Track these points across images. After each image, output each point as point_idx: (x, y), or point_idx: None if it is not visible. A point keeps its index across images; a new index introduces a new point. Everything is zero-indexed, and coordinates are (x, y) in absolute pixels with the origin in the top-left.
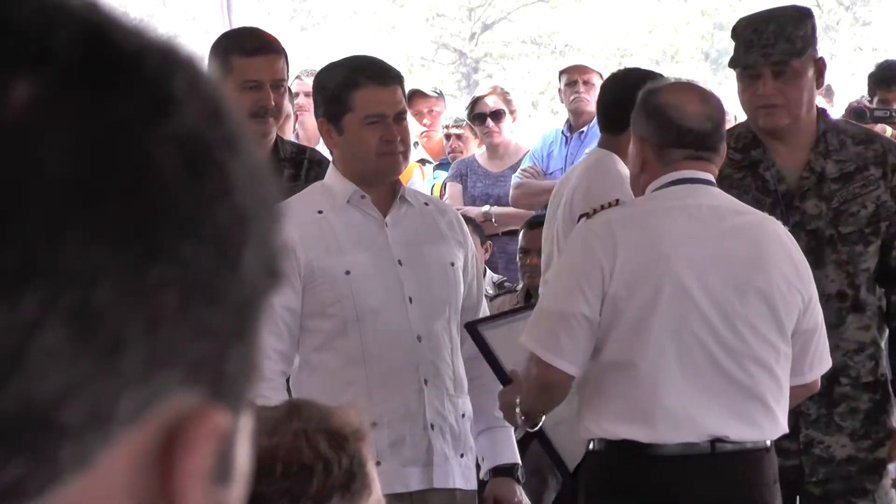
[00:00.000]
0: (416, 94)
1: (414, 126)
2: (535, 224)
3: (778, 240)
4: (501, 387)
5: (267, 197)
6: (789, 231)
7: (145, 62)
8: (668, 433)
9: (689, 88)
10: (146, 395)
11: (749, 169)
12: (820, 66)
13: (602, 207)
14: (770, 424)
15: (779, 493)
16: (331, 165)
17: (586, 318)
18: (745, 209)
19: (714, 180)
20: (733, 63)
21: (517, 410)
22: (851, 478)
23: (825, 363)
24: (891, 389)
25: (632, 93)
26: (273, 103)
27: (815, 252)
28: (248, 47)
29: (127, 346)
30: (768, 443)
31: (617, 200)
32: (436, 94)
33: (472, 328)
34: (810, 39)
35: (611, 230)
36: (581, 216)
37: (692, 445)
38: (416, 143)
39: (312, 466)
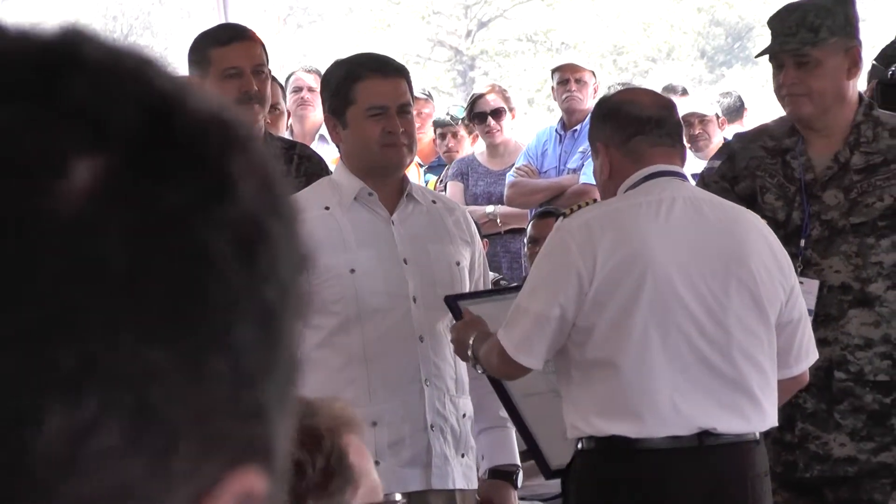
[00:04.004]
0: None
1: None
2: (544, 214)
3: (756, 230)
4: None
5: (300, 249)
6: (807, 220)
7: (206, 141)
8: (656, 427)
9: (637, 88)
10: (195, 487)
11: (780, 155)
12: (854, 55)
13: (579, 206)
14: (758, 416)
15: (769, 486)
16: (339, 161)
17: (561, 319)
18: (722, 201)
19: (685, 174)
20: (759, 52)
21: (469, 353)
22: (858, 486)
23: (812, 355)
24: None
25: None
26: (256, 88)
27: (825, 242)
28: (223, 37)
29: (179, 444)
30: (757, 435)
31: (594, 199)
32: (424, 96)
33: (452, 301)
34: (841, 28)
35: (589, 231)
36: (559, 215)
37: (680, 439)
38: None
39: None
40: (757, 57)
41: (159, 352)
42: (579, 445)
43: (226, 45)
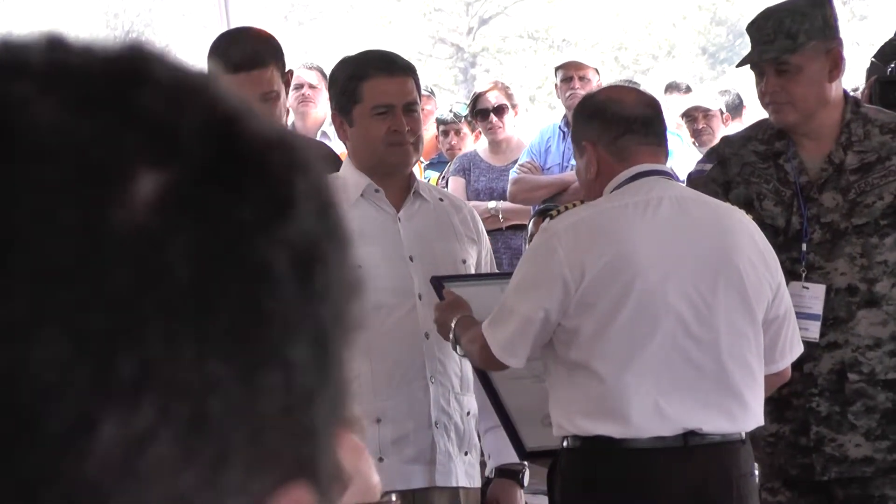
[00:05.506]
0: None
1: None
2: (544, 212)
3: (743, 229)
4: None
5: (353, 276)
6: (805, 223)
7: (272, 160)
8: (641, 429)
9: (621, 86)
10: (246, 501)
11: (773, 159)
12: (834, 56)
13: (566, 208)
14: (744, 416)
15: (755, 485)
16: (346, 158)
17: (545, 321)
18: (709, 200)
19: (671, 172)
20: (739, 62)
21: (451, 335)
22: (869, 482)
23: (796, 349)
24: None
25: None
26: None
27: (828, 245)
28: (236, 60)
29: (232, 457)
30: (743, 434)
31: (581, 200)
32: (426, 93)
33: (437, 282)
34: (819, 31)
35: (576, 234)
36: (546, 216)
37: (665, 439)
38: None
39: None
40: (738, 66)
41: (217, 364)
42: (565, 444)
43: (235, 73)
